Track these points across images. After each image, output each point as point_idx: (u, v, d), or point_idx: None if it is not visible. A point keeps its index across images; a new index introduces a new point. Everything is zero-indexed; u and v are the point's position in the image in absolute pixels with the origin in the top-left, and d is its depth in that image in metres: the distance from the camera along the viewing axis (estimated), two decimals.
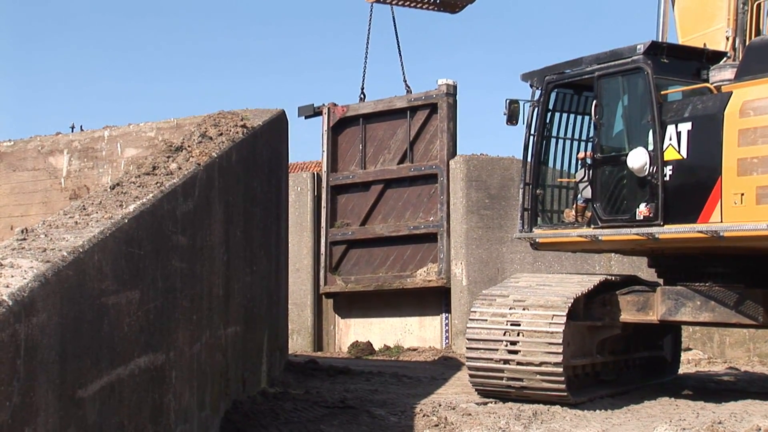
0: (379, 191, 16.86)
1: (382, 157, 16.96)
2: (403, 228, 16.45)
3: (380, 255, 16.79)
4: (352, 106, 17.26)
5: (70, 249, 4.74)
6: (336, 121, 17.25)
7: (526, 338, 9.76)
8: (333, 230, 17.04)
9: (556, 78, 11.11)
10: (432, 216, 16.28)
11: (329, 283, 17.03)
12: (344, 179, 17.13)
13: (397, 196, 16.79)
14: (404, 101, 16.79)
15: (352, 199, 17.19)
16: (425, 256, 16.35)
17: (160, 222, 6.22)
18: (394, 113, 16.87)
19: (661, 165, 9.73)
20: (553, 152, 11.59)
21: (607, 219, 10.33)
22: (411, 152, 16.64)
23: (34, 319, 4.18)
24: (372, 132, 17.09)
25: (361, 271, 16.91)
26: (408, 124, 16.68)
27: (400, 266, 16.58)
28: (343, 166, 17.29)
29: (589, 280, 10.63)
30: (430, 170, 16.32)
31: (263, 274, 9.94)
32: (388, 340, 16.77)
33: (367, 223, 16.89)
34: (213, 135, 8.75)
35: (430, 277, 16.12)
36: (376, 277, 16.66)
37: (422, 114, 16.60)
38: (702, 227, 9.34)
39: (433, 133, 16.51)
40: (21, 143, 13.62)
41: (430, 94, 16.51)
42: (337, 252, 17.14)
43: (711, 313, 10.07)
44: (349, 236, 16.94)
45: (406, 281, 16.33)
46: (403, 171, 16.61)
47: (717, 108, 9.43)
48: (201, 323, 7.26)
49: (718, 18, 10.99)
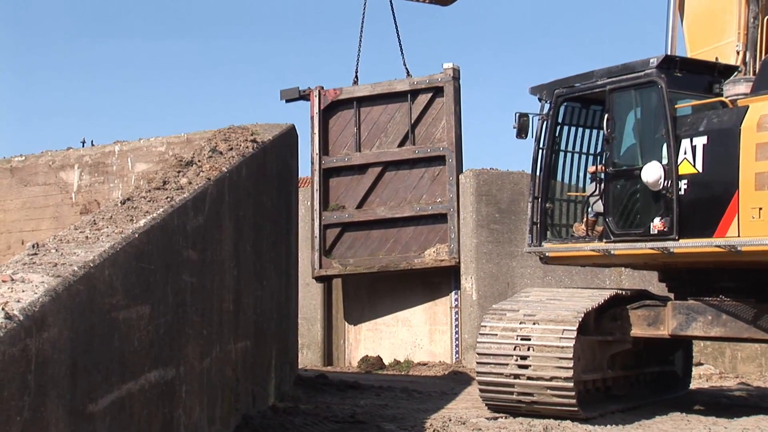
0: (377, 174, 16.89)
1: (378, 140, 17.01)
2: (408, 209, 16.50)
3: (378, 237, 16.83)
4: (345, 89, 17.26)
5: (80, 264, 4.75)
6: (327, 104, 17.28)
7: (536, 353, 9.71)
8: (326, 213, 17.04)
9: (565, 91, 11.09)
10: (440, 197, 16.35)
11: (324, 266, 16.96)
12: (339, 162, 17.12)
13: (397, 179, 16.85)
14: (406, 84, 16.84)
15: (345, 182, 17.20)
16: (430, 237, 16.41)
17: (170, 237, 6.23)
18: (393, 96, 16.93)
19: (676, 179, 9.69)
20: (562, 166, 11.57)
21: (620, 233, 10.29)
22: (413, 135, 16.71)
23: (44, 334, 4.18)
24: (367, 115, 17.15)
25: (357, 253, 16.92)
26: (409, 107, 16.75)
27: (402, 248, 16.61)
28: (334, 149, 17.29)
29: (599, 295, 10.58)
30: (437, 152, 16.41)
31: (273, 288, 9.94)
32: (398, 354, 16.74)
33: (364, 206, 16.93)
34: (223, 150, 8.76)
35: (441, 257, 16.16)
36: (378, 259, 16.69)
37: (425, 97, 16.68)
38: (719, 242, 9.29)
39: (435, 117, 16.61)
40: (32, 158, 13.67)
41: (435, 78, 16.59)
42: (330, 235, 17.09)
43: (723, 327, 10.01)
44: (345, 219, 16.93)
45: (414, 262, 16.35)
46: (406, 153, 16.69)
47: (733, 122, 9.40)
48: (211, 338, 7.25)
49: (729, 32, 10.98)
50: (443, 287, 16.61)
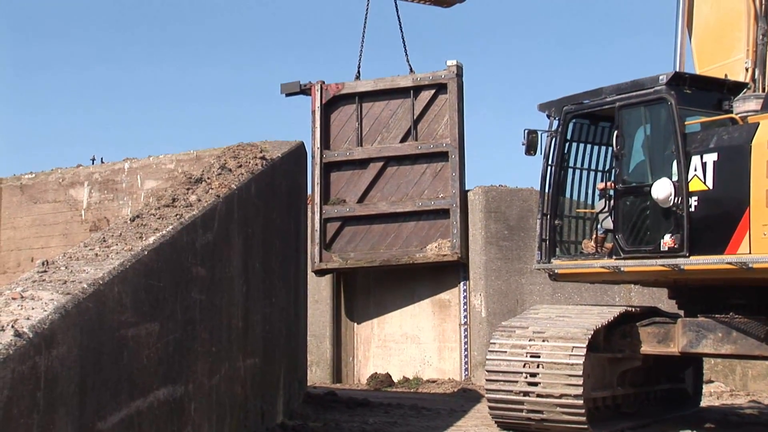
0: (378, 169, 16.93)
1: (380, 135, 17.06)
2: (410, 204, 16.53)
3: (379, 231, 16.86)
4: (347, 84, 17.32)
5: (90, 281, 4.75)
6: (328, 99, 17.35)
7: (546, 370, 9.68)
8: (327, 207, 17.07)
9: (574, 108, 11.09)
10: (441, 192, 16.38)
11: (324, 259, 16.98)
12: (340, 156, 17.17)
13: (399, 174, 16.89)
14: (409, 80, 16.88)
15: (346, 177, 17.23)
16: (432, 232, 16.43)
17: (179, 254, 6.23)
18: (396, 92, 17.00)
19: (686, 196, 9.67)
20: (571, 182, 11.56)
21: (630, 250, 10.26)
22: (415, 131, 16.78)
23: (54, 352, 4.18)
24: (369, 110, 17.20)
25: (358, 247, 16.95)
26: (411, 103, 16.81)
27: (403, 243, 16.64)
28: (335, 144, 17.34)
29: (609, 312, 10.55)
30: (440, 148, 16.46)
31: (282, 305, 9.93)
32: (407, 371, 16.70)
33: (365, 200, 16.97)
34: (232, 167, 8.78)
35: (443, 252, 16.16)
36: (380, 253, 16.72)
37: (427, 94, 16.75)
38: (731, 258, 9.25)
39: (438, 113, 16.66)
40: (42, 175, 13.73)
41: (438, 74, 16.66)
42: (331, 229, 17.13)
43: (733, 345, 9.97)
44: (346, 213, 16.98)
45: (416, 256, 16.38)
46: (409, 149, 16.72)
47: (744, 139, 9.38)
48: (220, 355, 7.25)
49: (737, 49, 10.97)
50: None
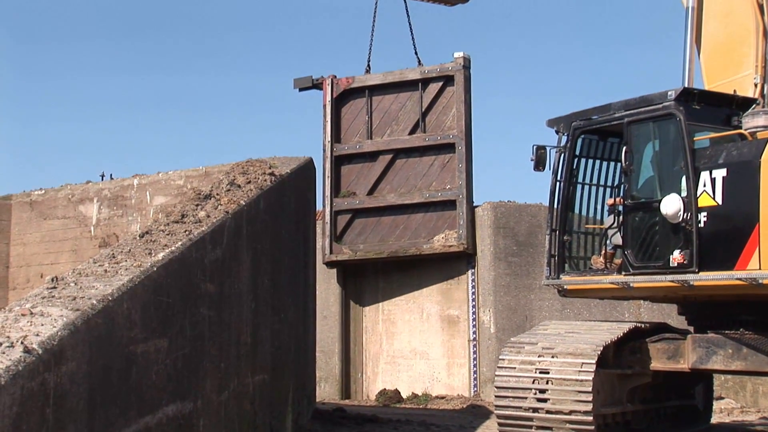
0: (388, 161, 17.04)
1: (389, 128, 17.17)
2: (418, 196, 16.61)
3: (389, 223, 16.95)
4: (358, 78, 17.45)
5: (99, 297, 4.76)
6: (339, 93, 17.46)
7: (555, 386, 9.65)
8: (338, 199, 17.19)
9: (583, 124, 11.09)
10: (449, 184, 16.45)
11: (335, 251, 17.09)
12: (350, 149, 17.29)
13: (407, 166, 16.98)
14: (417, 73, 16.99)
15: (357, 169, 17.35)
16: (439, 224, 16.49)
17: (188, 270, 6.24)
18: (405, 85, 17.10)
19: (696, 211, 9.65)
20: (579, 198, 11.55)
21: (639, 266, 10.23)
22: (423, 123, 16.85)
23: (63, 368, 4.19)
24: (378, 104, 17.32)
25: (368, 239, 17.04)
26: (420, 96, 16.90)
27: (411, 234, 16.71)
28: (346, 137, 17.46)
29: (618, 328, 10.52)
30: (447, 140, 16.52)
31: (291, 321, 9.93)
32: (416, 387, 16.66)
33: (375, 193, 17.08)
34: (241, 183, 8.80)
35: (450, 243, 16.21)
36: (388, 245, 16.78)
37: (435, 86, 16.82)
38: (740, 274, 9.22)
39: (446, 105, 16.74)
40: (52, 192, 13.78)
41: (446, 67, 16.74)
42: (341, 221, 17.24)
43: (743, 361, 9.92)
44: (356, 205, 17.08)
45: (423, 248, 16.44)
46: (417, 141, 16.81)
47: (753, 154, 9.36)
48: (229, 371, 7.24)
49: (746, 65, 10.97)
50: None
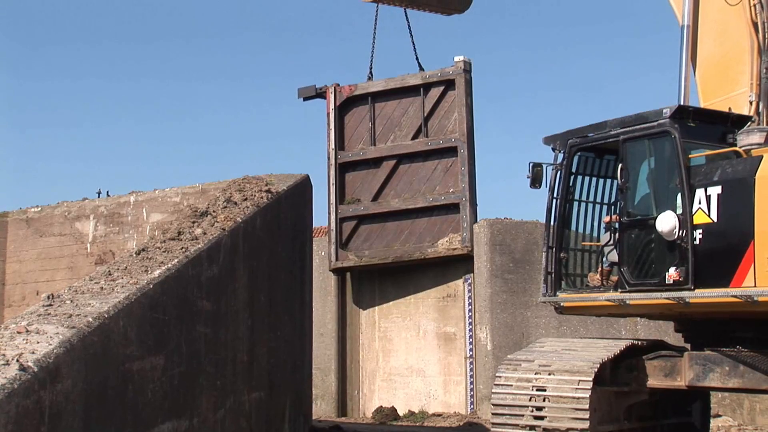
0: (391, 167, 17.14)
1: (392, 134, 17.27)
2: (421, 200, 16.69)
3: (393, 229, 17.04)
4: (360, 85, 17.58)
5: (95, 315, 4.75)
6: (342, 101, 17.54)
7: (551, 404, 9.63)
8: (343, 206, 17.29)
9: (579, 141, 11.11)
10: (452, 187, 16.51)
11: (341, 258, 17.18)
12: (354, 156, 17.39)
13: (411, 171, 17.09)
14: (418, 78, 17.09)
15: (361, 176, 17.46)
16: (443, 228, 16.56)
17: (185, 287, 6.24)
18: (406, 91, 17.19)
19: (691, 229, 9.66)
20: (576, 215, 11.55)
21: (635, 283, 10.23)
22: (425, 128, 16.92)
23: (58, 386, 4.17)
24: (381, 110, 17.43)
25: (373, 245, 17.11)
26: (422, 101, 16.98)
27: (416, 239, 16.79)
28: (350, 145, 17.57)
29: (615, 345, 10.50)
30: (449, 143, 16.60)
31: (287, 338, 9.91)
32: (412, 405, 16.62)
33: (379, 199, 17.16)
34: (238, 200, 8.80)
35: (453, 246, 16.26)
36: (393, 250, 16.82)
37: (437, 91, 16.92)
38: (735, 292, 9.22)
39: (447, 109, 16.83)
40: (48, 209, 13.77)
41: (446, 71, 16.84)
42: (347, 228, 17.34)
43: (740, 378, 9.90)
44: (360, 211, 17.18)
45: (427, 251, 16.50)
46: (419, 146, 16.91)
47: (748, 172, 9.38)
48: (225, 389, 7.22)
49: (741, 82, 11.00)
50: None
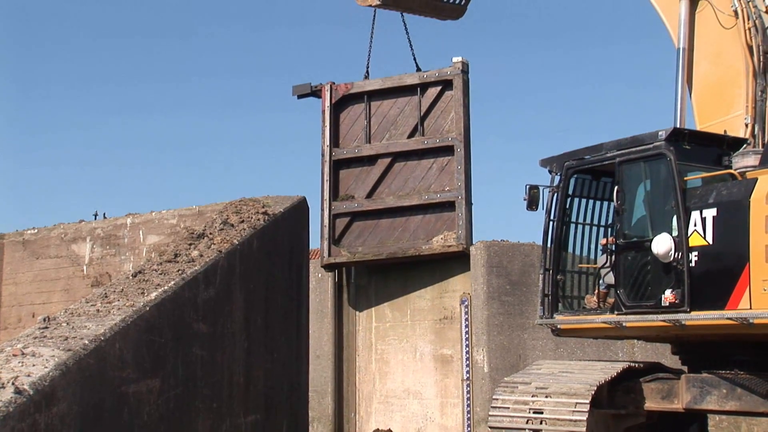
0: (386, 165, 17.17)
1: (388, 132, 17.33)
2: (416, 198, 16.72)
3: (387, 226, 17.04)
4: (356, 84, 17.66)
5: (91, 337, 4.75)
6: (338, 99, 17.63)
7: (549, 426, 9.61)
8: (336, 203, 17.31)
9: (575, 164, 11.15)
10: (447, 186, 16.55)
11: (333, 254, 17.16)
12: (349, 153, 17.44)
13: (406, 170, 17.12)
14: (415, 78, 17.17)
15: (355, 173, 17.49)
16: (438, 225, 16.57)
17: (181, 309, 6.23)
18: (403, 90, 17.28)
19: (686, 251, 9.67)
20: (572, 238, 11.57)
21: (632, 305, 10.24)
22: (422, 127, 17.00)
23: (54, 409, 4.16)
24: (377, 108, 17.50)
25: (366, 242, 17.12)
26: (418, 101, 17.05)
27: (410, 236, 16.79)
28: (344, 142, 17.62)
29: (612, 368, 10.50)
30: (446, 142, 16.64)
31: (284, 361, 9.89)
32: (409, 427, 16.57)
33: (373, 196, 17.19)
34: (234, 222, 8.81)
35: (449, 243, 16.26)
36: (386, 247, 16.86)
37: (434, 90, 16.99)
38: (731, 314, 9.23)
39: (444, 109, 16.89)
40: (44, 231, 13.77)
41: (444, 71, 16.91)
42: (340, 224, 17.34)
43: (738, 401, 9.89)
44: (354, 208, 17.19)
45: (421, 248, 16.50)
46: (415, 144, 16.96)
47: (742, 194, 9.41)
48: (221, 411, 7.21)
49: (737, 105, 11.06)
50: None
